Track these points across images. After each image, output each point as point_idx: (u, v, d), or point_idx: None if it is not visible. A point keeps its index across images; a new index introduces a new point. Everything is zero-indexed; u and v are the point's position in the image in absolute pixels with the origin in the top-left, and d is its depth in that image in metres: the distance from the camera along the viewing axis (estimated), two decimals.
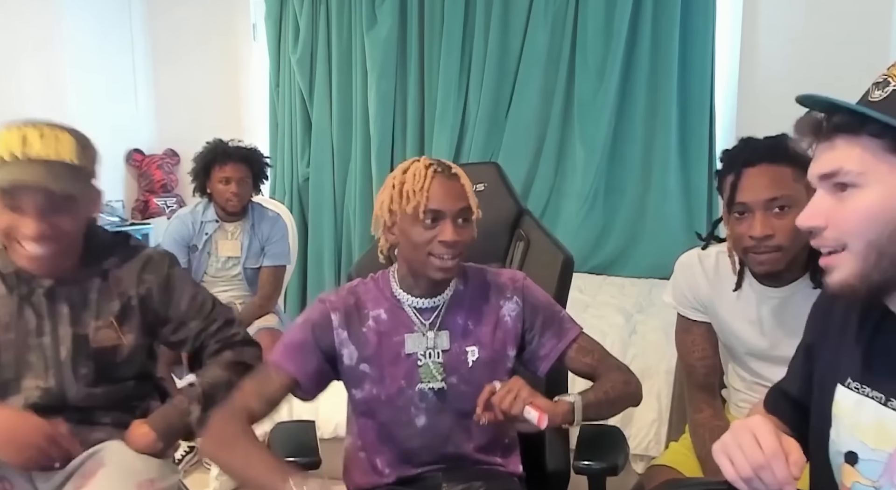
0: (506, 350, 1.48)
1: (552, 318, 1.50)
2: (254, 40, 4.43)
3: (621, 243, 3.85)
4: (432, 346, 1.45)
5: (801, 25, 3.61)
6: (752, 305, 1.59)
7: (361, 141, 4.17)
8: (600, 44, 3.76)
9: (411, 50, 4.05)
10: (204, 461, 2.82)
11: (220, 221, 3.02)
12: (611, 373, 1.46)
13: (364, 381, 1.45)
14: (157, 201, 4.35)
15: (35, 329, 1.49)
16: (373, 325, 1.45)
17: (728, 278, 1.61)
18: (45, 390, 1.49)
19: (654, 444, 2.39)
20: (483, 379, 1.44)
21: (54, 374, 1.49)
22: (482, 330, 1.47)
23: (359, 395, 1.46)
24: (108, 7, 4.23)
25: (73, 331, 1.50)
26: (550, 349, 1.48)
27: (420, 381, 1.45)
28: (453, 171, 1.42)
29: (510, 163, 3.73)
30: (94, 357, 1.51)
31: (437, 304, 1.47)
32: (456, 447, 1.49)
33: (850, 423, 0.97)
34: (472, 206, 1.42)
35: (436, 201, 1.36)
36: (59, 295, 1.50)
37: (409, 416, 1.46)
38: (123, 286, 1.54)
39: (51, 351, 1.49)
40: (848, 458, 0.97)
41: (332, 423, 2.36)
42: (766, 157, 1.44)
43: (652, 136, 3.78)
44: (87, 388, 1.51)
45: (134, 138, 4.40)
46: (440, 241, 1.36)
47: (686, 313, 1.69)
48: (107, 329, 1.52)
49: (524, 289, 1.50)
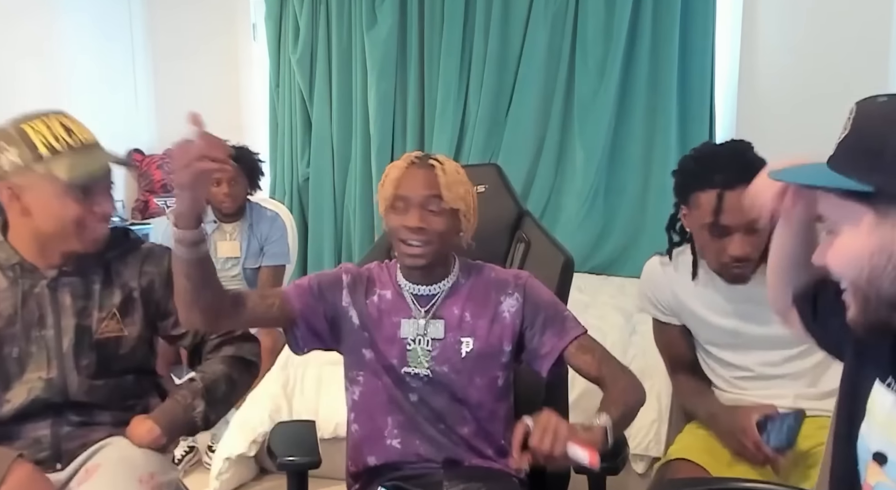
0: (501, 345, 1.50)
1: (555, 317, 1.51)
2: (254, 40, 4.42)
3: (621, 243, 3.85)
4: (423, 333, 1.49)
5: (801, 25, 3.60)
6: (720, 297, 1.69)
7: (361, 141, 4.17)
8: (600, 44, 3.75)
9: (411, 50, 4.05)
10: (204, 461, 2.82)
11: (218, 222, 3.02)
12: (618, 380, 1.45)
13: (367, 345, 1.51)
14: (157, 201, 4.35)
15: (38, 320, 1.50)
16: (376, 301, 1.52)
17: (688, 276, 1.74)
18: (47, 381, 1.49)
19: (654, 444, 2.38)
20: (475, 370, 1.48)
21: (57, 365, 1.50)
22: (479, 322, 1.50)
23: (369, 356, 1.50)
24: (108, 7, 4.23)
25: (76, 322, 1.51)
26: (551, 347, 1.49)
27: (407, 365, 1.49)
28: (431, 162, 1.47)
29: (510, 163, 3.73)
30: (97, 348, 1.52)
31: (435, 292, 1.51)
32: (450, 428, 1.50)
33: (884, 422, 0.96)
34: (443, 195, 1.43)
35: (402, 188, 1.44)
36: (62, 286, 1.51)
37: (403, 390, 1.50)
38: (125, 278, 1.56)
39: (53, 342, 1.50)
40: (876, 458, 0.96)
41: (332, 423, 2.36)
42: (744, 179, 1.47)
43: (652, 136, 3.77)
44: (88, 381, 1.52)
45: (134, 138, 4.39)
46: (404, 225, 1.43)
47: (657, 316, 1.83)
48: (109, 320, 1.54)
49: (526, 286, 1.51)
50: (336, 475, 1.85)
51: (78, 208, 1.44)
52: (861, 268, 0.87)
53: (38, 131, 1.41)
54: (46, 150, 1.40)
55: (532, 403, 1.71)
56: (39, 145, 1.40)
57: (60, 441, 1.51)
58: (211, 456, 2.71)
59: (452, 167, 1.48)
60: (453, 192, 1.44)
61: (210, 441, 2.84)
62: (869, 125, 0.87)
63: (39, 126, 1.41)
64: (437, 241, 1.44)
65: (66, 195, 1.42)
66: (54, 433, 1.50)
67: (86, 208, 1.45)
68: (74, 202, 1.43)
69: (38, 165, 1.39)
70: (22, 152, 1.40)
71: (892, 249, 0.85)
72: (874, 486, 0.97)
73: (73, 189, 1.42)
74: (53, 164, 1.40)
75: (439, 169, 1.45)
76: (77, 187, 1.42)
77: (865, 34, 3.46)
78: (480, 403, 1.51)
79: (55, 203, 1.43)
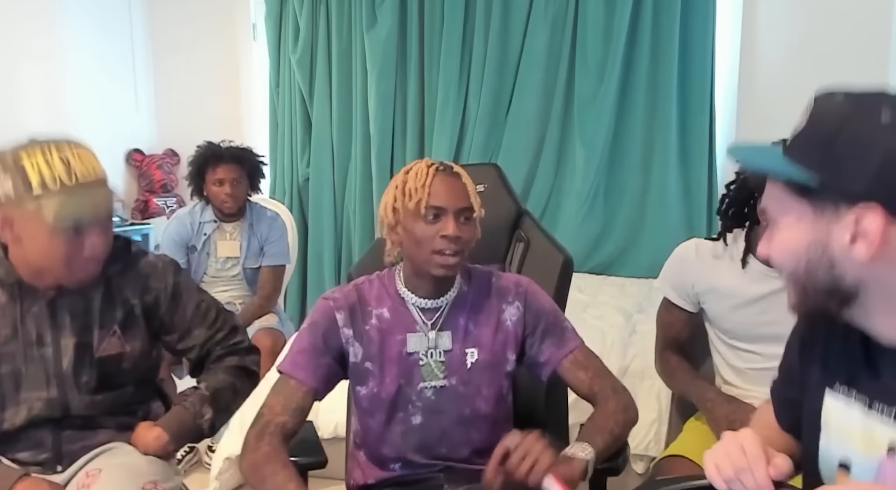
0: (506, 353, 1.49)
1: (554, 326, 1.50)
2: (254, 40, 4.42)
3: (621, 243, 3.85)
4: (434, 346, 1.46)
5: (801, 25, 3.60)
6: (754, 285, 1.67)
7: (361, 141, 4.17)
8: (600, 44, 3.75)
9: (411, 50, 4.05)
10: (204, 461, 2.82)
11: (218, 222, 3.02)
12: (609, 401, 1.43)
13: (368, 378, 1.46)
14: (157, 201, 4.35)
15: (36, 339, 1.47)
16: (375, 323, 1.46)
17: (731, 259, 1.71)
18: (47, 401, 1.47)
19: (654, 444, 2.38)
20: (481, 380, 1.46)
21: (56, 384, 1.48)
22: (482, 332, 1.48)
23: (363, 392, 1.47)
24: (108, 7, 4.23)
25: (76, 341, 1.48)
26: (550, 356, 1.48)
27: (422, 380, 1.46)
28: (455, 170, 1.44)
29: (510, 163, 3.73)
30: (98, 365, 1.50)
31: (441, 304, 1.48)
32: (451, 450, 1.49)
33: (839, 430, 0.98)
34: (474, 206, 1.43)
35: (437, 198, 1.38)
36: (61, 306, 1.48)
37: (406, 414, 1.47)
38: (126, 294, 1.53)
39: (52, 362, 1.47)
40: (842, 467, 0.98)
41: (332, 423, 2.35)
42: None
43: (652, 136, 3.78)
44: (89, 396, 1.50)
45: (134, 138, 4.39)
46: (442, 235, 1.37)
47: (671, 298, 1.81)
48: (110, 338, 1.51)
49: (527, 294, 1.50)
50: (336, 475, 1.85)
51: (66, 249, 1.38)
52: (798, 260, 0.92)
53: (35, 165, 1.34)
54: (39, 188, 1.33)
55: (532, 405, 1.72)
56: (33, 181, 1.34)
57: (62, 443, 1.50)
58: (211, 456, 2.71)
59: (467, 175, 1.46)
60: (477, 201, 1.44)
61: (210, 441, 2.84)
62: (823, 121, 0.89)
63: (38, 159, 1.34)
64: (466, 250, 1.43)
65: (55, 235, 1.36)
66: (55, 436, 1.50)
67: (75, 249, 1.39)
68: (63, 242, 1.37)
69: (29, 202, 1.34)
70: (15, 185, 1.34)
71: (826, 243, 0.89)
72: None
73: (61, 230, 1.36)
74: (43, 202, 1.34)
75: (465, 177, 1.44)
76: (66, 228, 1.37)
77: (865, 34, 3.46)
78: (487, 414, 1.48)
79: (44, 240, 1.37)
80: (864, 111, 0.86)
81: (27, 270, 1.44)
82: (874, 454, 0.93)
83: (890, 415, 0.91)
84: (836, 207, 0.87)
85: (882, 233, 0.84)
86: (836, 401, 0.99)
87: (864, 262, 0.86)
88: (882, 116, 0.85)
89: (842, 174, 0.86)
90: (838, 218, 0.87)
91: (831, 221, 0.87)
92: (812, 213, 0.89)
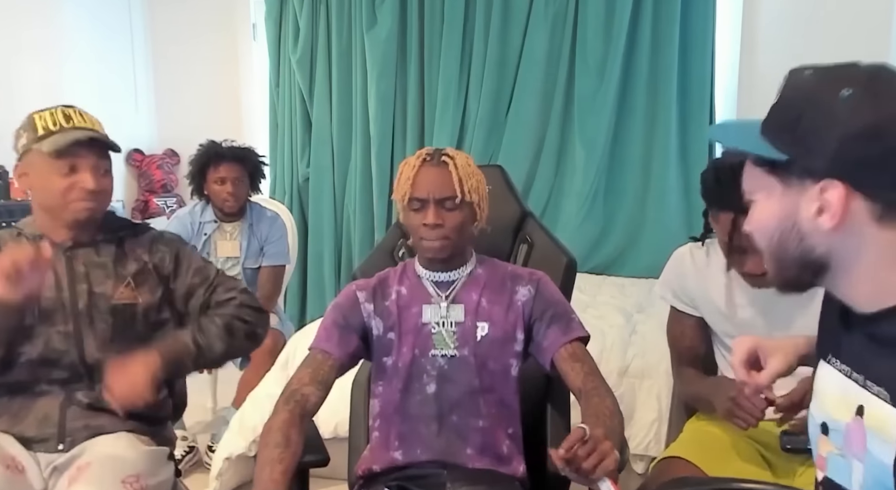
0: (515, 332, 1.55)
1: (563, 315, 1.55)
2: (254, 40, 4.43)
3: (621, 243, 3.85)
4: (446, 316, 1.55)
5: (801, 25, 3.60)
6: (747, 292, 1.68)
7: (361, 141, 4.17)
8: (600, 44, 3.75)
9: (411, 50, 4.05)
10: (204, 461, 2.82)
11: (218, 222, 3.02)
12: (605, 399, 1.44)
13: (392, 349, 1.56)
14: (157, 201, 4.35)
15: (55, 284, 1.61)
16: (394, 297, 1.57)
17: (720, 267, 1.72)
18: (64, 333, 1.60)
19: (654, 444, 2.39)
20: (490, 354, 1.53)
21: (73, 320, 1.60)
22: (495, 309, 1.55)
23: (389, 362, 1.56)
24: (108, 7, 4.23)
25: (90, 288, 1.62)
26: (553, 340, 1.52)
27: (433, 348, 1.54)
28: (443, 159, 1.50)
29: (510, 163, 3.73)
30: (112, 313, 1.62)
31: (454, 278, 1.57)
32: (462, 419, 1.53)
33: (824, 395, 1.03)
34: (459, 193, 1.49)
35: (418, 189, 1.49)
36: (77, 256, 1.64)
37: (421, 383, 1.54)
38: (138, 252, 1.69)
39: (69, 303, 1.61)
40: (823, 429, 1.02)
41: (332, 423, 2.35)
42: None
43: (652, 136, 3.78)
44: (103, 342, 1.61)
45: (134, 138, 4.39)
46: (423, 223, 1.49)
47: (676, 305, 1.81)
48: (124, 288, 1.64)
49: (540, 282, 1.58)
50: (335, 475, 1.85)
51: (63, 182, 1.57)
52: (772, 233, 0.96)
53: (42, 117, 1.59)
54: (43, 132, 1.58)
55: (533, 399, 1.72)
56: (39, 128, 1.58)
57: (66, 420, 1.58)
58: (211, 456, 2.71)
59: (464, 160, 1.52)
60: (467, 184, 1.50)
61: (210, 441, 2.84)
62: (792, 97, 0.93)
63: (45, 114, 1.59)
64: (454, 234, 1.51)
65: (53, 170, 1.57)
66: (62, 411, 1.59)
67: (70, 182, 1.58)
68: (60, 176, 1.57)
69: (36, 145, 1.57)
70: (28, 135, 1.59)
71: (795, 216, 0.92)
72: (826, 457, 1.02)
73: (58, 164, 1.56)
74: (45, 141, 1.56)
75: (451, 165, 1.50)
76: (62, 162, 1.56)
77: (865, 35, 3.46)
78: (493, 389, 1.53)
79: (46, 177, 1.58)
80: (826, 88, 0.90)
81: (43, 218, 1.65)
82: (847, 417, 0.97)
83: (860, 381, 0.95)
84: (802, 182, 0.90)
85: (844, 204, 0.87)
86: (824, 370, 1.03)
87: (830, 233, 0.90)
88: (842, 92, 0.88)
89: (805, 152, 0.89)
90: (804, 191, 0.90)
91: (799, 195, 0.91)
92: (781, 188, 0.93)
